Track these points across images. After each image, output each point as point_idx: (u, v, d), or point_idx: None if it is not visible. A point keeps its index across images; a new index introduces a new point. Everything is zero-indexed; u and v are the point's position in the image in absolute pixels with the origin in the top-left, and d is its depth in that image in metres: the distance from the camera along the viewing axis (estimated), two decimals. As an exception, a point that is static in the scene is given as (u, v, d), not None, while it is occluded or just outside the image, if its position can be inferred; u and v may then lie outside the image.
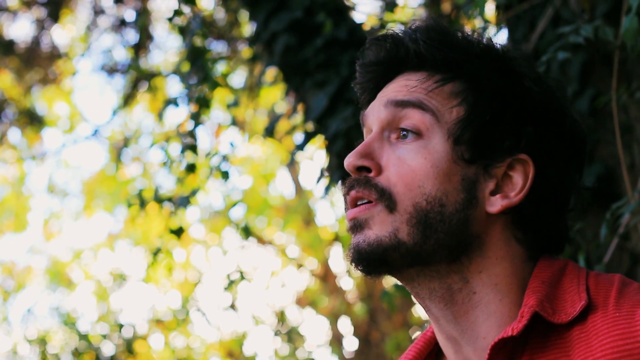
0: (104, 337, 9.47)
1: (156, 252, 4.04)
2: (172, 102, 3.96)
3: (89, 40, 8.11)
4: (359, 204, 1.33)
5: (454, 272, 1.31)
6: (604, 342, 1.22)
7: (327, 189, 3.68)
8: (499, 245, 1.32)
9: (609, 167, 3.13)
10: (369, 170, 1.33)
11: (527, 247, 1.35)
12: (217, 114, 7.46)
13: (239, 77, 6.27)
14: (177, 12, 3.88)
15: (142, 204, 3.84)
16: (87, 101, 15.27)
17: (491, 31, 2.97)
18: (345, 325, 9.74)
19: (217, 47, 6.14)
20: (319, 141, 3.84)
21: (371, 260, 1.30)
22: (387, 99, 1.35)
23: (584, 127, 1.41)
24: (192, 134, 3.83)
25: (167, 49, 8.03)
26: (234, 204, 8.22)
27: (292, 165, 8.79)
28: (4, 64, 8.17)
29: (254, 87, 5.18)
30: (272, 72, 4.53)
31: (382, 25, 4.03)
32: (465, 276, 1.31)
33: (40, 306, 10.34)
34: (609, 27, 2.37)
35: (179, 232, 3.88)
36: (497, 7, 3.25)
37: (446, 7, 4.28)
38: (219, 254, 10.20)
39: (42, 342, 9.57)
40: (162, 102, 5.09)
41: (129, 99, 7.70)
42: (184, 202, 3.83)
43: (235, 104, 4.34)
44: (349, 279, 9.68)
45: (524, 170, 1.33)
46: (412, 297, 1.38)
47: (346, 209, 1.35)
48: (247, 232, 5.35)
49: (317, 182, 3.69)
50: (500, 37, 3.28)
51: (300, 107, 3.95)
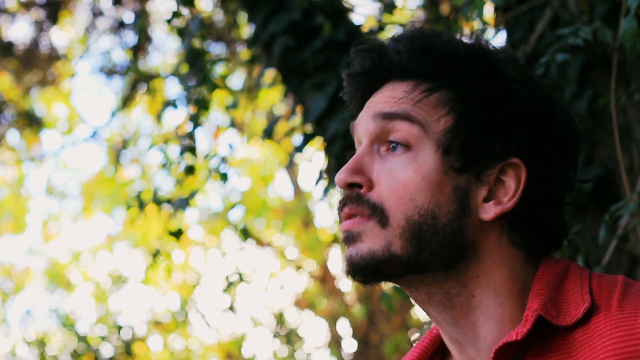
0: (103, 338, 9.47)
1: (155, 254, 4.04)
2: (171, 103, 3.96)
3: (88, 42, 8.10)
4: (352, 217, 1.33)
5: (451, 278, 1.31)
6: (607, 344, 1.22)
7: (326, 191, 3.68)
8: (496, 250, 1.32)
9: (607, 169, 3.13)
10: (360, 186, 1.33)
11: (525, 250, 1.34)
12: (216, 115, 7.46)
13: (237, 79, 6.27)
14: (176, 14, 3.88)
15: (141, 205, 3.84)
16: (85, 103, 15.27)
17: (489, 33, 2.97)
18: (344, 327, 9.74)
19: (216, 48, 6.14)
20: (318, 143, 3.84)
21: (366, 272, 1.31)
22: (374, 112, 1.35)
23: (576, 124, 1.40)
24: (191, 136, 3.83)
25: (165, 51, 8.03)
26: (233, 206, 8.21)
27: (290, 166, 8.78)
28: (2, 66, 8.16)
29: (252, 89, 5.17)
30: (270, 74, 4.54)
31: (381, 27, 4.03)
32: (462, 281, 1.31)
33: (39, 308, 10.34)
34: (607, 29, 2.37)
35: (177, 234, 3.88)
36: (496, 9, 3.25)
37: (445, 8, 4.28)
38: (217, 256, 10.20)
39: (41, 343, 9.57)
40: (160, 103, 5.09)
41: (127, 101, 7.69)
42: (182, 203, 3.82)
43: (234, 105, 4.34)
44: (347, 280, 9.67)
45: (516, 174, 1.32)
46: (412, 300, 1.38)
47: (340, 222, 1.35)
48: (245, 233, 5.35)
49: (316, 183, 3.69)
50: (498, 39, 3.28)
51: (299, 109, 3.95)
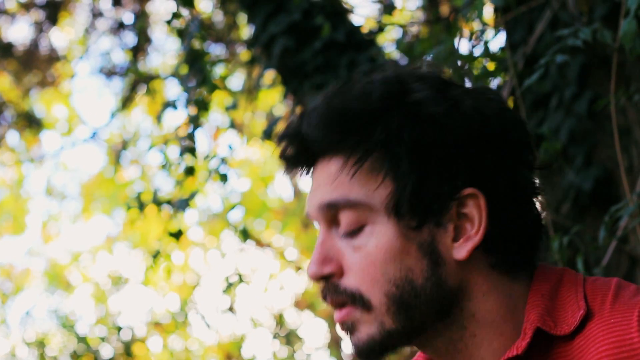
0: (103, 339, 9.48)
1: (155, 255, 4.04)
2: (171, 104, 3.96)
3: (88, 42, 8.11)
4: (339, 306, 1.33)
5: (451, 325, 1.30)
6: (600, 350, 1.21)
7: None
8: (481, 280, 1.30)
9: (607, 170, 3.14)
10: (332, 274, 1.32)
11: (505, 268, 1.31)
12: (216, 116, 7.46)
13: (237, 80, 6.27)
14: (176, 15, 3.88)
15: (141, 206, 3.84)
16: (85, 104, 15.28)
17: (489, 34, 2.97)
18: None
19: (216, 49, 6.14)
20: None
21: (373, 355, 1.32)
22: (317, 203, 1.33)
23: (516, 115, 1.35)
24: (190, 137, 3.83)
25: (165, 52, 8.03)
26: (233, 207, 8.21)
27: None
28: (2, 67, 8.17)
29: (252, 90, 5.18)
30: (270, 75, 4.54)
31: (381, 28, 4.04)
32: (462, 324, 1.30)
33: (38, 309, 10.34)
34: (607, 30, 2.37)
35: (177, 235, 3.88)
36: (496, 10, 3.25)
37: (444, 9, 4.28)
38: (217, 257, 10.20)
39: (41, 344, 9.57)
40: (160, 104, 5.09)
41: (127, 102, 7.70)
42: (182, 204, 3.82)
43: (233, 106, 4.34)
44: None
45: (475, 202, 1.28)
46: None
47: (332, 309, 1.35)
48: (245, 234, 5.34)
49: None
50: (497, 40, 3.28)
51: (298, 110, 3.95)
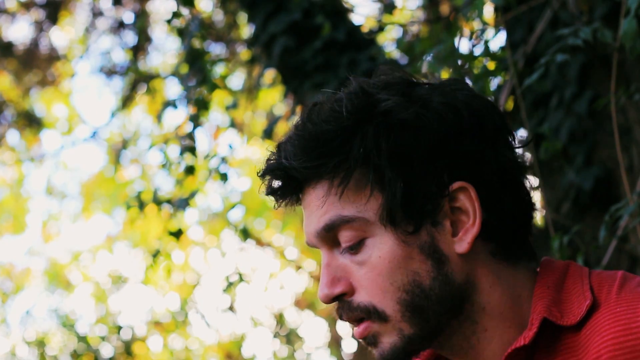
0: (103, 339, 9.48)
1: (155, 254, 4.04)
2: (171, 104, 3.96)
3: (88, 42, 8.10)
4: (356, 321, 1.35)
5: (464, 320, 1.33)
6: (606, 339, 1.22)
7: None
8: (485, 271, 1.32)
9: (607, 169, 3.14)
10: (344, 293, 1.34)
11: (506, 255, 1.34)
12: (216, 116, 7.45)
13: (237, 79, 6.27)
14: (176, 14, 3.88)
15: (141, 206, 3.84)
16: (85, 103, 15.28)
17: (489, 33, 2.97)
18: (344, 327, 9.74)
19: (216, 49, 6.14)
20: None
21: None
22: (314, 230, 1.35)
23: (487, 100, 1.36)
24: (190, 136, 3.83)
25: (165, 51, 8.03)
26: (233, 206, 8.19)
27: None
28: (2, 66, 8.17)
29: (252, 89, 5.18)
30: (270, 74, 4.54)
31: (381, 27, 4.03)
32: (474, 319, 1.33)
33: (38, 308, 10.35)
34: (607, 30, 2.37)
35: (177, 234, 3.88)
36: (496, 9, 3.25)
37: (444, 9, 4.28)
38: (217, 256, 10.20)
39: (41, 343, 9.57)
40: (160, 104, 5.09)
41: (127, 101, 7.69)
42: (182, 204, 3.82)
43: (233, 106, 4.33)
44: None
45: (466, 194, 1.31)
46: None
47: (351, 326, 1.38)
48: (245, 234, 5.34)
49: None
50: (497, 39, 3.28)
51: (298, 109, 3.95)
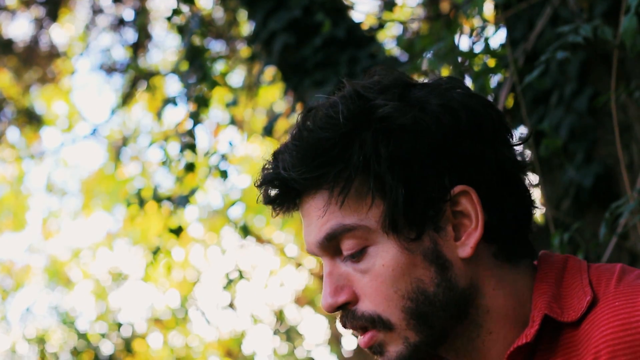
0: (103, 336, 9.47)
1: (155, 251, 4.04)
2: (171, 101, 3.96)
3: (88, 39, 8.10)
4: (361, 330, 1.34)
5: (468, 324, 1.32)
6: (605, 334, 1.21)
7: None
8: (489, 274, 1.31)
9: (608, 167, 3.14)
10: (348, 302, 1.32)
11: (507, 256, 1.32)
12: (216, 113, 7.45)
13: (237, 76, 6.27)
14: (176, 11, 3.88)
15: (141, 203, 3.84)
16: (85, 100, 15.24)
17: (489, 30, 2.97)
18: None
19: (216, 46, 6.14)
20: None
21: None
22: (316, 240, 1.33)
23: (484, 99, 1.34)
24: (190, 133, 3.83)
25: (165, 48, 8.03)
26: (233, 203, 8.21)
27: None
28: (2, 63, 8.16)
29: (252, 86, 5.17)
30: (270, 71, 4.54)
31: (381, 24, 4.03)
32: (478, 322, 1.31)
33: (39, 305, 10.34)
34: (607, 27, 2.37)
35: (177, 231, 3.88)
36: (496, 7, 3.25)
37: (445, 6, 4.27)
38: (217, 253, 10.19)
39: (41, 341, 9.57)
40: (160, 101, 5.09)
41: (127, 98, 7.70)
42: (182, 201, 3.82)
43: (234, 103, 4.34)
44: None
45: (467, 198, 1.29)
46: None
47: (355, 334, 1.36)
48: (245, 231, 5.34)
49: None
50: (498, 37, 3.28)
51: (298, 106, 3.95)
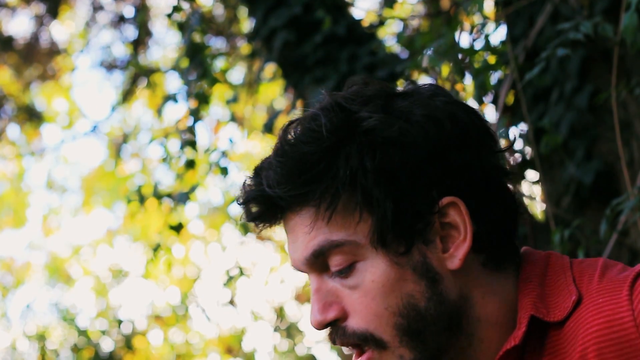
0: (103, 332, 9.47)
1: (155, 248, 4.04)
2: (171, 98, 3.96)
3: (88, 36, 8.10)
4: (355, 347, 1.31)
5: (460, 334, 1.29)
6: (590, 331, 1.20)
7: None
8: (477, 284, 1.29)
9: (608, 164, 3.14)
10: (337, 319, 1.29)
11: (495, 264, 1.31)
12: (216, 110, 7.45)
13: (238, 73, 6.26)
14: (176, 8, 3.88)
15: (141, 200, 3.84)
16: (86, 97, 15.27)
17: (489, 27, 2.97)
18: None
19: (216, 43, 6.14)
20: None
21: None
22: (303, 257, 1.30)
23: (470, 108, 1.32)
24: (191, 130, 3.83)
25: (166, 45, 8.03)
26: (233, 200, 8.21)
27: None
28: (2, 60, 8.16)
29: (253, 83, 5.17)
30: (271, 68, 4.54)
31: (381, 21, 4.03)
32: (469, 332, 1.29)
33: (39, 302, 10.34)
34: (608, 24, 2.37)
35: (178, 228, 3.88)
36: (496, 4, 3.25)
37: (445, 3, 4.27)
38: (218, 250, 10.20)
39: (41, 338, 9.57)
40: (161, 98, 5.09)
41: (128, 95, 7.69)
42: (183, 198, 3.83)
43: (234, 100, 4.34)
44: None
45: (455, 210, 1.27)
46: None
47: (348, 351, 1.34)
48: (246, 228, 5.34)
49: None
50: (498, 34, 3.28)
51: (299, 103, 3.95)
